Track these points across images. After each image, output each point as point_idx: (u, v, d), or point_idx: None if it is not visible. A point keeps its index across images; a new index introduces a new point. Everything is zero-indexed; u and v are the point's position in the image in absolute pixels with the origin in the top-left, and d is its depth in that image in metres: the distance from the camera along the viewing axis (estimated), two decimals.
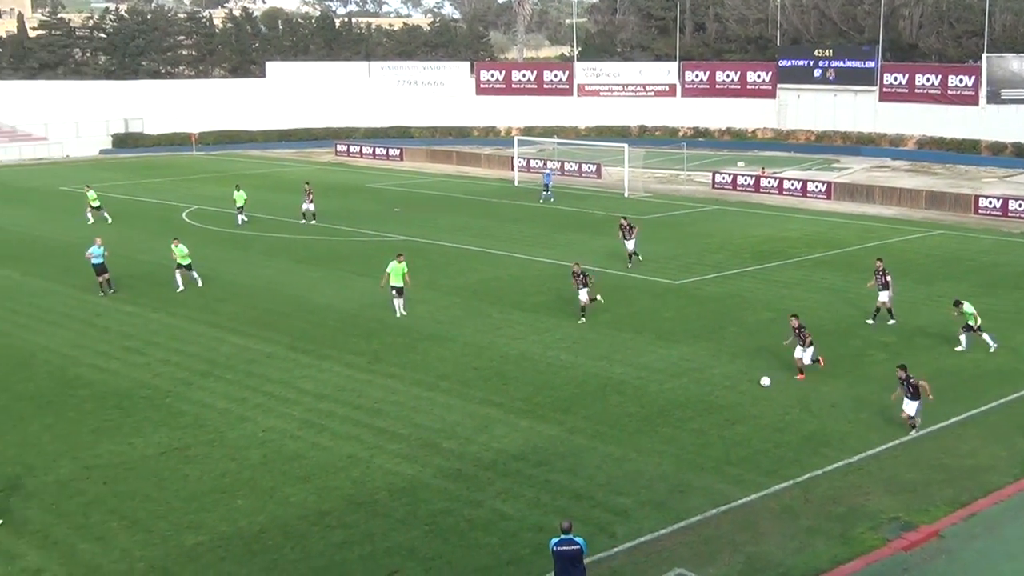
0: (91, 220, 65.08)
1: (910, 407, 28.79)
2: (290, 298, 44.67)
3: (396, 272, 40.53)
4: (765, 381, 32.97)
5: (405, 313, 40.71)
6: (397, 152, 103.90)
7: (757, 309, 42.49)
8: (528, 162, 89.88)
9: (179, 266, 46.27)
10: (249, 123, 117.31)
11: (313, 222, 63.79)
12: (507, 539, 23.37)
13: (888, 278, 39.89)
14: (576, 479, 26.36)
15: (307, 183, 67.28)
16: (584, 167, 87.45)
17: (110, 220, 65.14)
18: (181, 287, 45.64)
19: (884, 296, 40.03)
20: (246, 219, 63.92)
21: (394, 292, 40.89)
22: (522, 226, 62.74)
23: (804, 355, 33.58)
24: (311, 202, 64.46)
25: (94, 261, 45.99)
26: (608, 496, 25.26)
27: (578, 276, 40.56)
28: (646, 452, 28.07)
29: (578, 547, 19.29)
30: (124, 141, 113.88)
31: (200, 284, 46.46)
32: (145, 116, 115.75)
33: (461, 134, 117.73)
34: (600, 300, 41.25)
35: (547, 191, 74.02)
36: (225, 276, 49.45)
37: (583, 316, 40.44)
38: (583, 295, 40.52)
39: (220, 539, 23.45)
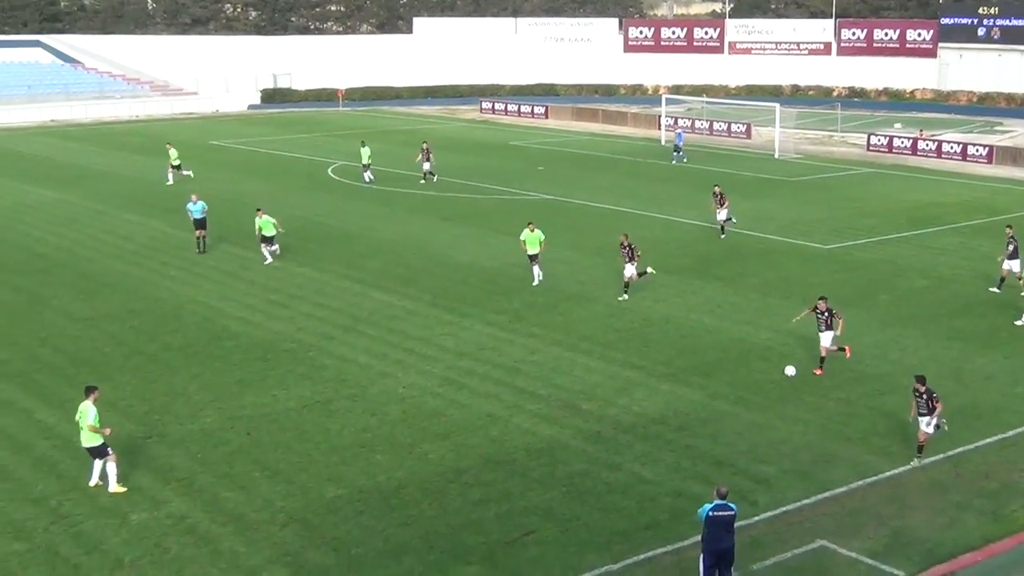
0: (171, 181, 64.01)
1: (924, 423, 24.72)
2: (433, 255, 44.76)
3: (531, 240, 39.96)
4: (790, 371, 30.40)
5: (542, 279, 40.14)
6: (542, 110, 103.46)
7: (911, 276, 41.16)
8: (675, 121, 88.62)
9: (263, 239, 43.71)
10: (395, 79, 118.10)
11: (434, 179, 63.59)
12: (645, 503, 23.00)
13: (1014, 246, 38.23)
14: (717, 445, 25.83)
15: (425, 142, 67.01)
16: (733, 127, 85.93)
17: (192, 175, 64.37)
18: (268, 260, 43.54)
19: (1011, 265, 38.41)
20: (372, 177, 63.97)
21: (530, 260, 40.29)
22: (668, 186, 61.89)
23: (826, 339, 30.98)
24: (429, 160, 64.18)
25: (195, 216, 45.94)
26: (750, 464, 24.67)
27: (625, 248, 38.35)
28: (790, 420, 27.37)
29: (732, 513, 19.04)
30: (272, 96, 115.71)
31: (268, 261, 43.50)
32: (293, 72, 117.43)
33: (607, 92, 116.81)
34: (652, 272, 39.04)
35: (679, 152, 72.75)
36: (369, 232, 49.81)
37: (625, 292, 38.23)
38: (629, 270, 38.23)
39: (359, 493, 23.56)
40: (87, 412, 23.53)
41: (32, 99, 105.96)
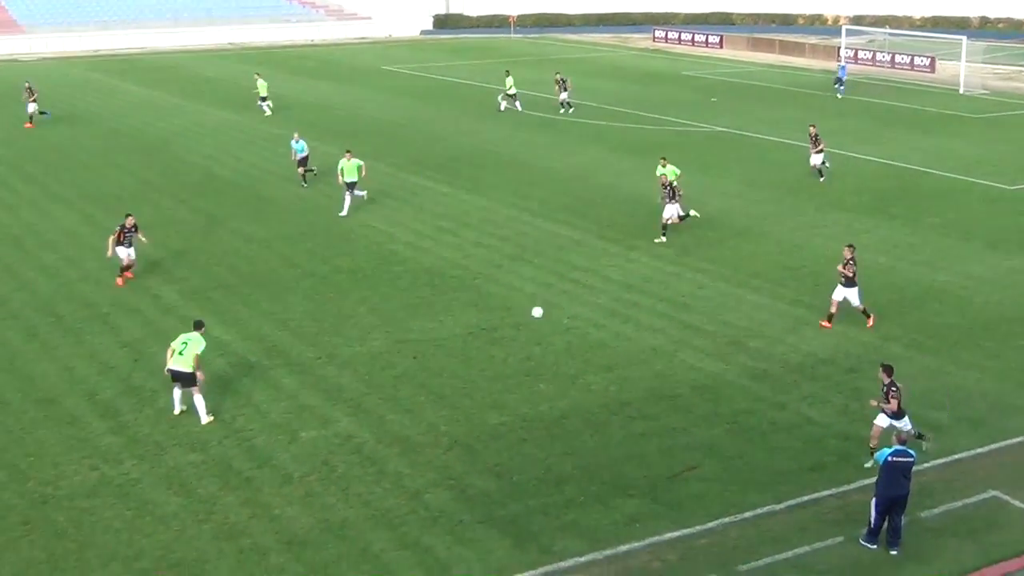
0: (268, 113, 63.06)
1: (883, 420, 21.69)
2: (600, 186, 44.47)
3: (673, 174, 38.94)
4: (537, 312, 28.86)
5: (693, 214, 38.77)
6: (717, 39, 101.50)
7: None
8: (856, 53, 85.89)
9: (347, 184, 40.19)
10: (567, 6, 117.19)
11: (570, 110, 62.87)
12: (811, 444, 22.57)
13: None
14: None
15: (558, 72, 66.01)
16: (917, 60, 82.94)
17: (268, 113, 63.20)
18: (344, 213, 40.18)
19: None
20: (516, 107, 63.56)
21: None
22: (846, 121, 60.15)
23: (850, 295, 28.73)
24: (565, 90, 63.31)
25: (299, 154, 45.13)
26: (922, 409, 23.93)
27: (666, 188, 36.84)
28: (965, 366, 26.48)
29: (912, 459, 18.68)
30: (444, 22, 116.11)
31: (343, 213, 40.00)
32: None
33: (785, 22, 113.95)
34: (695, 215, 37.62)
35: (840, 85, 70.42)
36: (538, 161, 49.74)
37: (664, 235, 36.69)
38: (669, 211, 36.64)
39: (522, 420, 23.67)
40: (197, 343, 23.60)
41: (211, 22, 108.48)
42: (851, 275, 28.49)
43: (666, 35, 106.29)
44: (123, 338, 28.35)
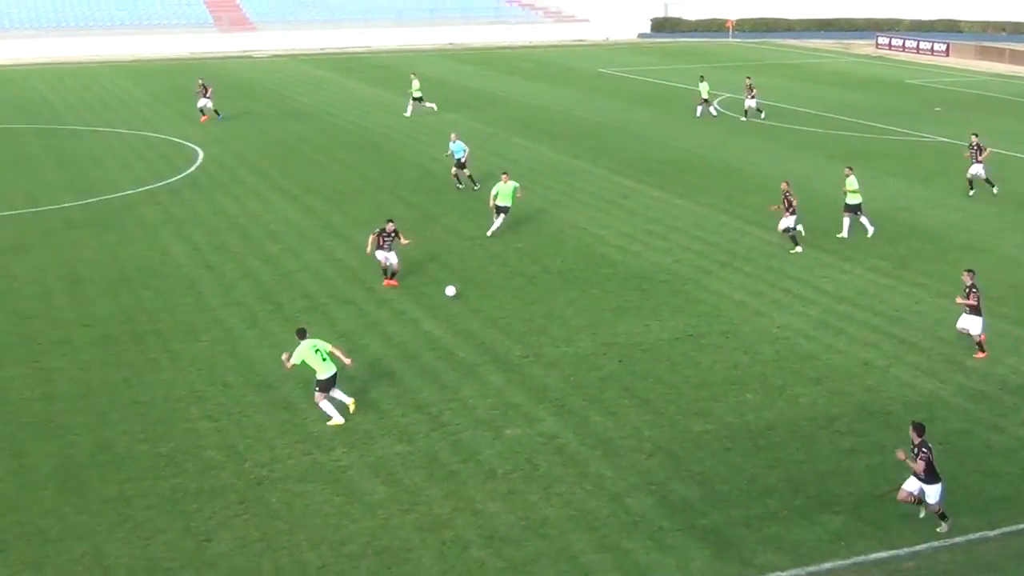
0: (409, 113, 63.18)
1: (912, 484, 19.53)
2: (815, 194, 43.57)
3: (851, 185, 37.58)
4: (450, 291, 30.79)
5: (846, 235, 37.46)
6: (943, 47, 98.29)
7: None
8: None
9: (497, 208, 37.45)
10: (788, 11, 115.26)
11: (761, 116, 61.48)
12: None
13: None
14: None
15: (749, 77, 64.56)
16: None
17: (435, 107, 63.52)
18: (495, 229, 37.62)
19: None
20: (716, 112, 62.70)
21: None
22: None
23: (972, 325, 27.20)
24: (753, 98, 61.94)
25: (456, 156, 44.54)
26: None
27: (787, 196, 35.95)
28: None
29: None
30: (662, 25, 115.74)
31: (494, 230, 37.58)
32: (684, 1, 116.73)
33: (1016, 30, 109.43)
34: (800, 232, 36.32)
35: None
36: (751, 168, 49.14)
37: (797, 245, 35.73)
38: (786, 222, 35.87)
39: (726, 429, 23.45)
40: (323, 343, 23.79)
41: (433, 22, 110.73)
42: (975, 304, 27.02)
43: (890, 42, 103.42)
44: (338, 328, 29.24)
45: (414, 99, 63.51)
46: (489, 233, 37.27)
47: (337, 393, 24.00)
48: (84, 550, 18.86)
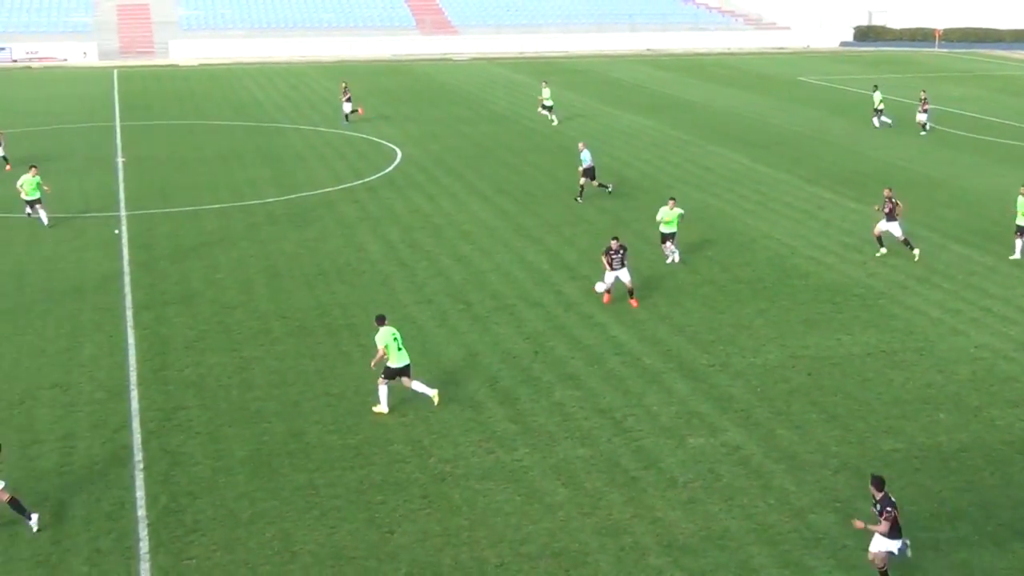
0: (555, 122, 62.47)
1: (879, 544, 17.96)
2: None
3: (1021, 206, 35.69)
4: (600, 287, 30.84)
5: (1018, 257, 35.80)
6: None
7: None
8: None
9: (665, 235, 35.41)
10: (999, 21, 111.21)
11: (924, 131, 59.05)
12: None
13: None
14: None
15: (923, 91, 62.08)
16: None
17: (555, 123, 62.38)
18: (673, 259, 35.13)
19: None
20: (888, 122, 60.65)
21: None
22: None
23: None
24: (925, 111, 59.41)
25: (584, 165, 43.89)
26: None
27: (887, 201, 35.71)
28: None
29: None
30: (865, 34, 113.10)
31: (671, 260, 35.57)
32: (890, 8, 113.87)
33: None
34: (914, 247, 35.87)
35: None
36: (953, 181, 47.68)
37: (912, 248, 35.51)
38: (887, 226, 35.75)
39: (917, 450, 22.80)
40: (399, 335, 24.40)
41: (632, 28, 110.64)
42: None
43: None
44: (526, 330, 29.52)
45: (544, 107, 63.42)
46: (668, 262, 35.17)
47: (419, 385, 24.53)
48: (273, 534, 19.52)
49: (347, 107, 63.21)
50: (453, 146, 56.02)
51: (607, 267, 31.21)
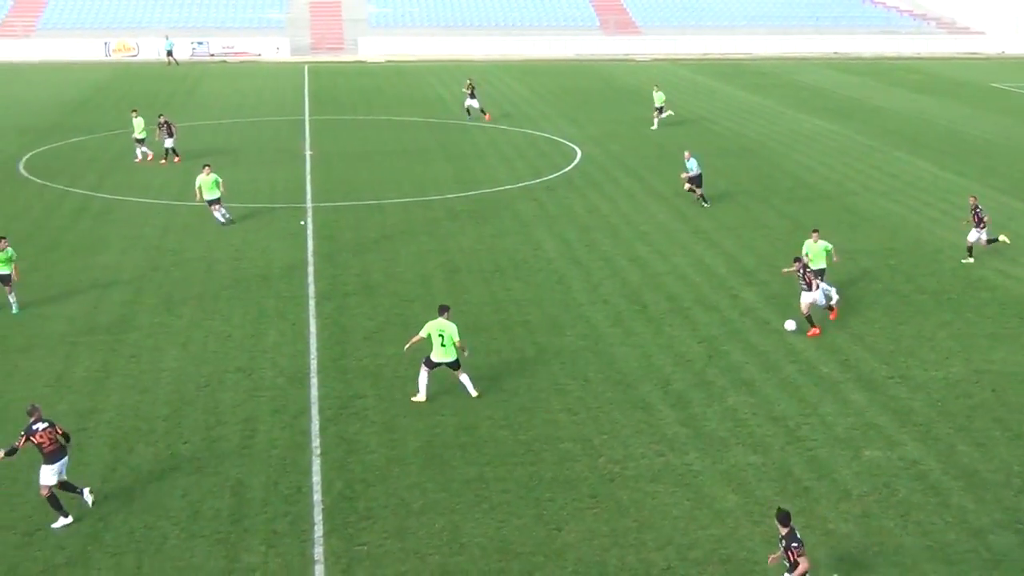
0: (655, 126, 61.43)
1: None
2: None
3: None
4: (789, 325, 28.70)
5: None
6: None
7: None
8: None
9: (816, 272, 30.39)
10: None
11: None
12: None
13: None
14: None
15: None
16: None
17: (655, 126, 61.31)
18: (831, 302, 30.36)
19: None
20: None
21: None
22: None
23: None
24: None
25: (690, 173, 42.69)
26: None
27: (974, 211, 35.33)
28: None
29: None
30: None
31: (830, 302, 30.81)
32: None
33: None
34: (1004, 240, 35.86)
35: None
36: None
37: (970, 256, 35.41)
38: (974, 235, 35.27)
39: None
40: (451, 329, 24.71)
41: (818, 31, 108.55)
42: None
43: None
44: (700, 334, 29.31)
45: (656, 109, 62.27)
46: (826, 302, 30.55)
47: (465, 379, 24.99)
48: (443, 525, 19.84)
49: (471, 103, 63.73)
50: (633, 147, 55.91)
51: (807, 286, 29.52)
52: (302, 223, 39.97)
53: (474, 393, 25.06)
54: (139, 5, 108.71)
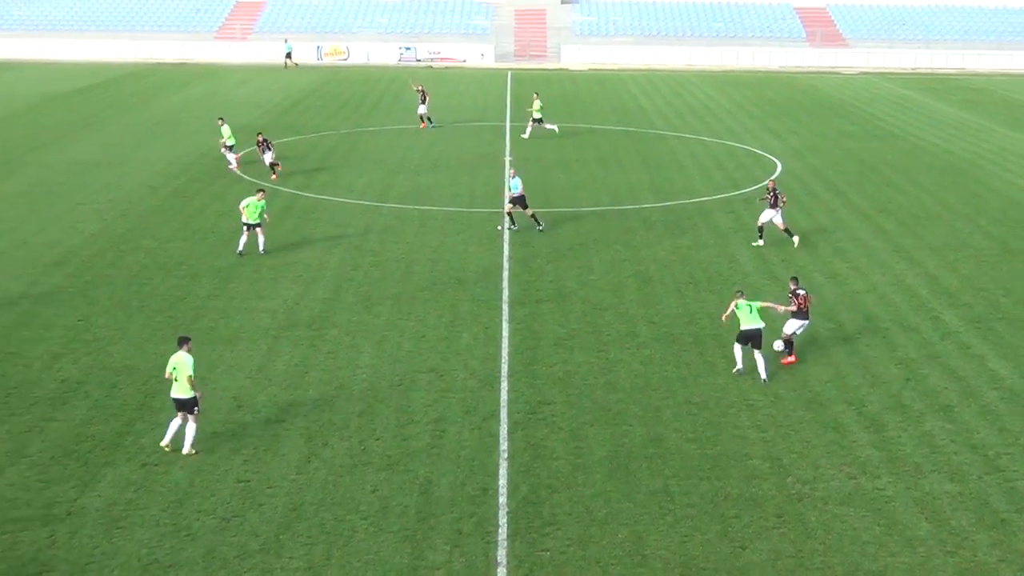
0: (526, 135, 59.78)
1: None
2: None
3: None
4: (778, 345, 27.55)
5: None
6: None
7: None
8: None
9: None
10: None
11: None
12: None
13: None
14: None
15: None
16: None
17: (525, 135, 59.84)
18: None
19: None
20: None
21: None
22: None
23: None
24: None
25: (513, 192, 40.42)
26: None
27: (770, 194, 38.40)
28: None
29: None
30: None
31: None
32: None
33: None
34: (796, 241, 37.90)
35: None
36: None
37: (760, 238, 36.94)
38: (768, 215, 37.99)
39: None
40: (184, 363, 22.38)
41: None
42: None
43: None
44: (898, 355, 28.55)
45: (534, 120, 60.24)
46: None
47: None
48: (626, 536, 19.83)
49: (422, 110, 64.04)
50: (835, 161, 54.79)
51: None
52: (499, 228, 40.45)
53: (186, 451, 22.48)
54: (350, 10, 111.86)
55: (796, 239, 38.54)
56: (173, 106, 70.48)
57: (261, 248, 36.71)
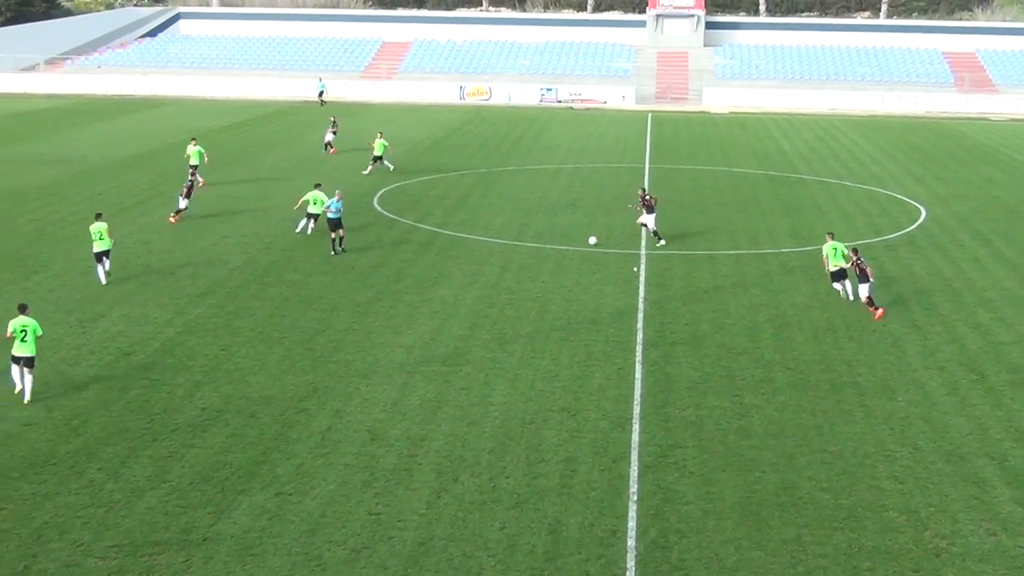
0: (368, 171, 60.18)
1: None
2: None
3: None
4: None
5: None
6: None
7: None
8: None
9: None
10: None
11: None
12: None
13: None
14: None
15: None
16: None
17: (367, 171, 59.98)
18: None
19: None
20: None
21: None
22: None
23: None
24: None
25: (329, 215, 42.34)
26: None
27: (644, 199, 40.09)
28: None
29: None
30: None
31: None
32: None
33: None
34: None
35: None
36: None
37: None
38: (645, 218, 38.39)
39: None
40: (34, 327, 27.03)
41: None
42: None
43: None
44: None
45: (375, 157, 61.17)
46: None
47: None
48: None
49: (329, 137, 68.48)
50: (982, 208, 53.49)
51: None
52: (635, 269, 40.38)
53: (28, 398, 26.80)
54: (493, 51, 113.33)
55: (663, 242, 43.88)
56: (317, 143, 72.07)
57: (298, 228, 44.58)
